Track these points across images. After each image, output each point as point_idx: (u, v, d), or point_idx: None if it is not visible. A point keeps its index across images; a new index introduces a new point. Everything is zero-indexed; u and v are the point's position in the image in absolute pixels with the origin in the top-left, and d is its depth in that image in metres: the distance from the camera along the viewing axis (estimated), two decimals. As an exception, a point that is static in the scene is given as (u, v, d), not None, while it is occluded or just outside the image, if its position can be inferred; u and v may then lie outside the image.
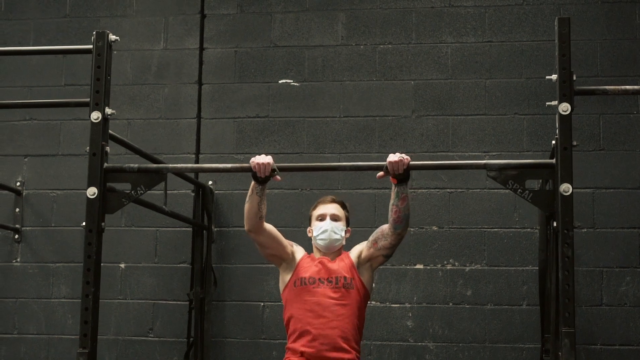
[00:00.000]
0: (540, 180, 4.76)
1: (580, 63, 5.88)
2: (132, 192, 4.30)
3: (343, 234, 4.63)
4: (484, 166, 4.16)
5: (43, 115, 6.32)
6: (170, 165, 4.69)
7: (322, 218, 4.62)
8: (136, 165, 4.35)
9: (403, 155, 4.28)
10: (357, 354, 4.52)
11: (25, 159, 6.37)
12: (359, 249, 4.66)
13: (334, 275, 4.53)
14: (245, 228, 4.62)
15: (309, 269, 4.56)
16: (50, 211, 6.27)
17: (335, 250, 4.63)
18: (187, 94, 6.30)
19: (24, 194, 6.33)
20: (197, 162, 6.16)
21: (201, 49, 6.34)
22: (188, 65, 6.33)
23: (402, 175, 4.29)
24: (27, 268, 6.27)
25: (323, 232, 4.58)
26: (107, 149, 4.32)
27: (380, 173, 4.33)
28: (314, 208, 4.70)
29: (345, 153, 6.05)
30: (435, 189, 5.97)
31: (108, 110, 4.31)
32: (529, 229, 5.80)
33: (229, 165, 4.62)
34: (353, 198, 5.90)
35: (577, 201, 5.72)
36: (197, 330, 5.92)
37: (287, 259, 4.61)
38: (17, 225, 6.29)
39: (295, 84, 6.15)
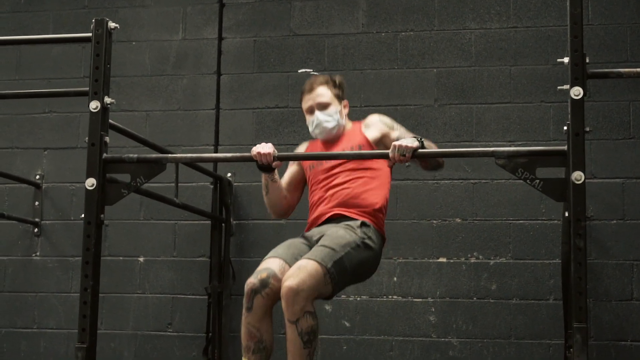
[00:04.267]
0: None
1: (609, 48, 5.68)
2: (132, 182, 4.19)
3: (337, 117, 4.38)
4: (492, 154, 3.97)
5: (62, 107, 6.26)
6: (170, 155, 4.57)
7: (310, 110, 4.41)
8: (135, 155, 4.23)
9: None
10: (369, 218, 4.34)
11: (45, 152, 6.32)
12: (380, 131, 4.42)
13: (340, 147, 4.40)
14: (275, 217, 4.60)
15: (316, 151, 4.49)
16: (69, 204, 6.21)
17: (336, 133, 4.43)
18: (205, 84, 6.19)
19: (43, 187, 6.27)
20: (216, 153, 6.05)
21: (220, 38, 6.23)
22: (207, 56, 6.22)
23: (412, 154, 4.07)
24: (46, 262, 6.21)
25: (316, 126, 4.38)
26: (107, 139, 4.20)
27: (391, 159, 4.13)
28: (301, 99, 4.48)
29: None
30: (458, 179, 5.79)
31: (107, 100, 4.20)
32: (556, 221, 5.60)
33: (229, 155, 4.52)
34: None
35: (607, 191, 5.58)
36: (215, 324, 5.81)
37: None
38: (36, 219, 6.24)
39: (315, 73, 6.01)
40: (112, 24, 4.28)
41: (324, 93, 4.38)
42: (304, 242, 4.29)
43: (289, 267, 4.02)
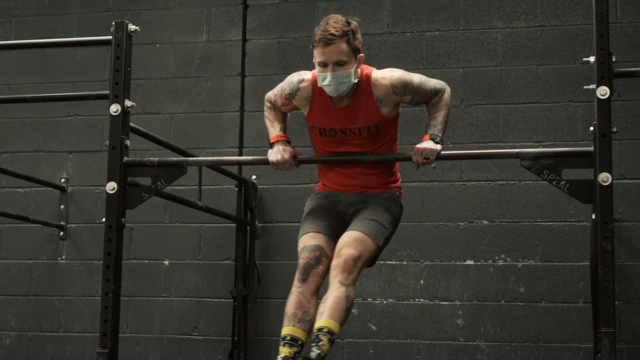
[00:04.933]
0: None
1: (638, 46, 5.58)
2: (153, 186, 4.16)
3: (351, 78, 3.96)
4: (517, 155, 3.92)
5: (87, 110, 6.25)
6: (190, 158, 4.54)
7: (323, 64, 3.96)
8: (156, 158, 4.21)
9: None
10: (392, 179, 4.22)
11: (70, 155, 6.31)
12: (393, 104, 4.08)
13: (356, 126, 4.06)
14: None
15: (325, 116, 4.09)
16: (94, 207, 6.20)
17: (347, 92, 4.04)
18: (229, 86, 6.16)
19: (68, 190, 6.27)
20: (240, 156, 6.01)
21: (244, 40, 6.20)
22: (231, 57, 6.19)
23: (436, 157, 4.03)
24: (72, 265, 6.21)
25: (327, 85, 3.97)
26: (127, 142, 4.19)
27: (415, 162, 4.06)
28: (314, 46, 3.98)
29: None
30: (485, 181, 5.72)
31: (128, 103, 4.19)
32: (584, 222, 5.51)
33: (249, 158, 4.49)
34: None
35: (637, 192, 5.50)
36: (240, 328, 5.77)
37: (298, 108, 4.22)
38: (62, 222, 6.23)
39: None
40: (132, 27, 4.26)
41: (343, 50, 3.93)
42: (336, 211, 4.17)
43: (332, 241, 4.02)
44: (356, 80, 4.01)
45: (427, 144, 4.01)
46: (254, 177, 5.96)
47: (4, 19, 6.58)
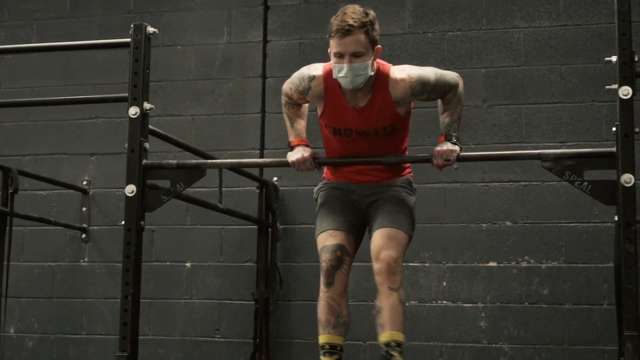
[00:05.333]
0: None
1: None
2: (172, 189, 4.15)
3: (368, 71, 3.86)
4: (538, 156, 3.88)
5: (108, 113, 6.25)
6: (209, 160, 4.52)
7: (340, 55, 3.84)
8: (175, 161, 4.20)
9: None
10: (404, 173, 4.18)
11: (92, 158, 6.32)
12: (408, 105, 4.01)
13: (372, 127, 3.98)
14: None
15: (340, 116, 4.00)
16: (116, 210, 6.19)
17: (363, 88, 3.95)
18: (251, 88, 6.15)
19: (90, 193, 6.28)
20: (261, 157, 5.99)
21: (265, 41, 6.18)
22: (252, 59, 6.18)
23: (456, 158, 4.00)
24: (94, 268, 6.21)
25: (343, 76, 3.86)
26: (146, 145, 4.18)
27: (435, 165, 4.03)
28: (330, 36, 3.87)
29: (414, 146, 5.75)
30: (508, 182, 5.67)
31: (146, 105, 4.18)
32: (609, 223, 5.44)
33: (268, 160, 4.48)
34: (422, 193, 5.64)
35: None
36: (262, 330, 5.75)
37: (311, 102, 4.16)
38: (84, 225, 6.24)
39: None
40: (150, 29, 4.25)
41: (360, 41, 3.81)
42: (351, 202, 4.13)
43: (352, 236, 4.02)
44: (372, 73, 3.91)
45: (446, 146, 3.98)
46: (275, 178, 5.94)
47: (25, 22, 6.59)
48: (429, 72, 4.00)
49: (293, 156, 4.10)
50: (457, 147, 3.98)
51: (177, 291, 6.04)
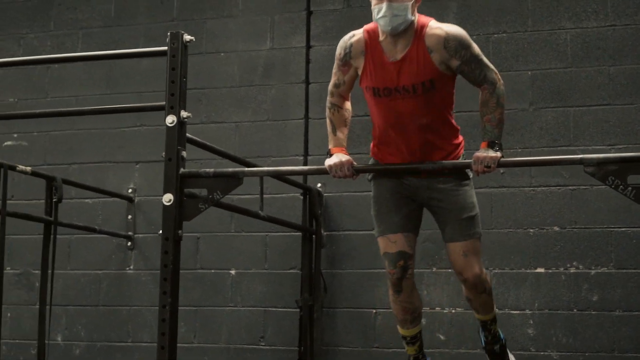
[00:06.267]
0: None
1: None
2: (209, 197, 4.12)
3: (407, 14, 3.84)
4: (580, 161, 3.78)
5: (153, 121, 6.25)
6: (247, 169, 4.48)
7: None
8: (212, 169, 4.17)
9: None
10: (453, 145, 4.11)
11: (137, 166, 6.33)
12: (446, 43, 3.89)
13: (410, 82, 3.91)
14: None
15: (379, 73, 3.95)
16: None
17: (402, 30, 3.90)
18: (294, 94, 6.11)
19: (136, 200, 6.29)
20: (305, 164, 5.96)
21: (308, 46, 6.14)
22: (295, 64, 6.14)
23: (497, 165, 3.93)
24: (140, 275, 6.22)
25: (382, 17, 3.85)
26: (184, 153, 4.15)
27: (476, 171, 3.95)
28: None
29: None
30: (556, 186, 5.56)
31: (184, 114, 4.15)
32: (660, 228, 5.32)
33: (305, 168, 4.43)
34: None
35: None
36: (306, 338, 5.71)
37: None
38: (129, 233, 6.25)
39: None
40: (187, 37, 4.22)
41: None
42: (406, 195, 4.11)
43: (411, 233, 4.12)
44: (413, 19, 3.89)
45: (487, 152, 3.90)
46: (319, 185, 5.89)
47: (71, 31, 6.64)
48: (475, 45, 3.98)
49: (330, 161, 4.09)
50: (498, 154, 3.90)
51: (222, 299, 6.02)
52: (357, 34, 4.06)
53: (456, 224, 4.06)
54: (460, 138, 4.18)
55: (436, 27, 3.94)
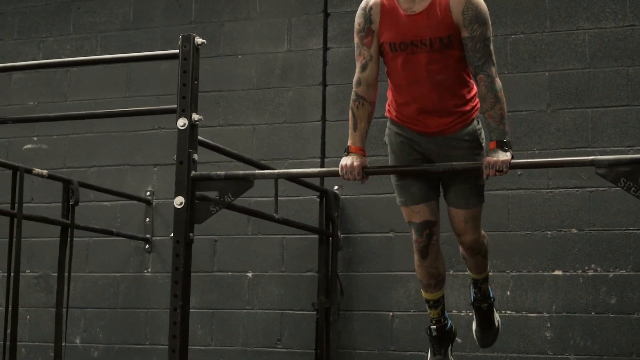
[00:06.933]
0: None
1: None
2: (221, 199, 4.11)
3: None
4: (591, 163, 3.74)
5: (170, 123, 6.18)
6: (258, 171, 4.46)
7: None
8: (223, 172, 4.17)
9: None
10: (469, 106, 4.03)
11: (155, 168, 6.34)
12: (456, 22, 3.85)
13: (427, 36, 3.85)
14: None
15: (395, 26, 3.89)
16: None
17: None
18: (311, 96, 6.10)
19: (154, 203, 6.30)
20: (322, 166, 5.95)
21: (325, 48, 6.13)
22: (312, 67, 6.13)
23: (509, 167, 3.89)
24: (157, 278, 6.23)
25: None
26: (195, 156, 4.15)
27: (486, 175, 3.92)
28: None
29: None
30: (573, 188, 5.50)
31: (195, 117, 4.15)
32: (680, 230, 5.26)
33: (315, 170, 4.39)
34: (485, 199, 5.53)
35: None
36: (323, 341, 5.69)
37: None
38: (147, 235, 6.27)
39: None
40: (199, 40, 4.22)
41: None
42: (421, 161, 4.09)
43: (432, 202, 4.14)
44: None
45: (498, 156, 3.84)
46: (336, 187, 5.87)
47: (90, 34, 6.67)
48: (490, 28, 3.94)
49: (343, 162, 4.04)
50: (508, 156, 3.85)
51: (239, 301, 6.02)
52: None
53: (460, 191, 4.09)
54: (476, 100, 4.07)
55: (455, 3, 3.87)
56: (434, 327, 4.38)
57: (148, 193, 6.31)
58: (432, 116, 3.99)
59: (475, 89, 4.05)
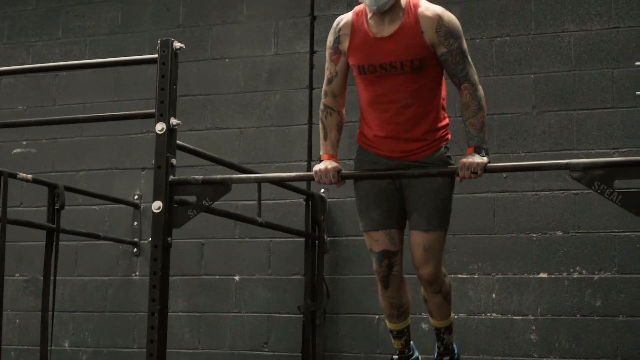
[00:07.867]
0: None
1: None
2: (198, 204, 4.12)
3: None
4: (566, 166, 3.73)
5: (159, 127, 6.27)
6: (235, 176, 4.47)
7: None
8: (200, 176, 4.18)
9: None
10: (434, 134, 4.02)
11: (143, 172, 6.35)
12: (431, 40, 3.86)
13: (397, 59, 3.87)
14: None
15: (364, 49, 3.92)
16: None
17: (389, 8, 3.86)
18: (298, 99, 6.11)
19: (141, 207, 6.31)
20: (309, 169, 5.94)
21: (311, 52, 6.14)
22: (299, 70, 6.14)
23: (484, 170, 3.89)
24: (145, 281, 6.18)
25: None
26: (173, 160, 4.15)
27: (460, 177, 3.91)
28: None
29: (461, 155, 5.66)
30: (559, 190, 5.50)
31: (173, 121, 4.16)
32: (664, 232, 5.24)
33: (293, 174, 4.40)
34: (470, 202, 5.54)
35: None
36: (309, 344, 5.69)
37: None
38: (135, 239, 6.28)
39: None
40: (177, 44, 4.23)
41: None
42: (385, 186, 4.07)
43: (394, 229, 4.07)
44: None
45: (473, 158, 3.86)
46: (322, 190, 5.87)
47: (79, 38, 6.69)
48: (464, 40, 3.95)
49: (317, 167, 4.07)
50: (484, 160, 3.87)
51: (226, 304, 6.03)
52: (345, 16, 4.04)
53: (423, 211, 3.99)
54: (446, 131, 4.11)
55: (431, 7, 3.91)
56: (396, 357, 4.37)
57: (136, 197, 6.32)
58: (397, 141, 4.00)
59: (446, 120, 4.10)
